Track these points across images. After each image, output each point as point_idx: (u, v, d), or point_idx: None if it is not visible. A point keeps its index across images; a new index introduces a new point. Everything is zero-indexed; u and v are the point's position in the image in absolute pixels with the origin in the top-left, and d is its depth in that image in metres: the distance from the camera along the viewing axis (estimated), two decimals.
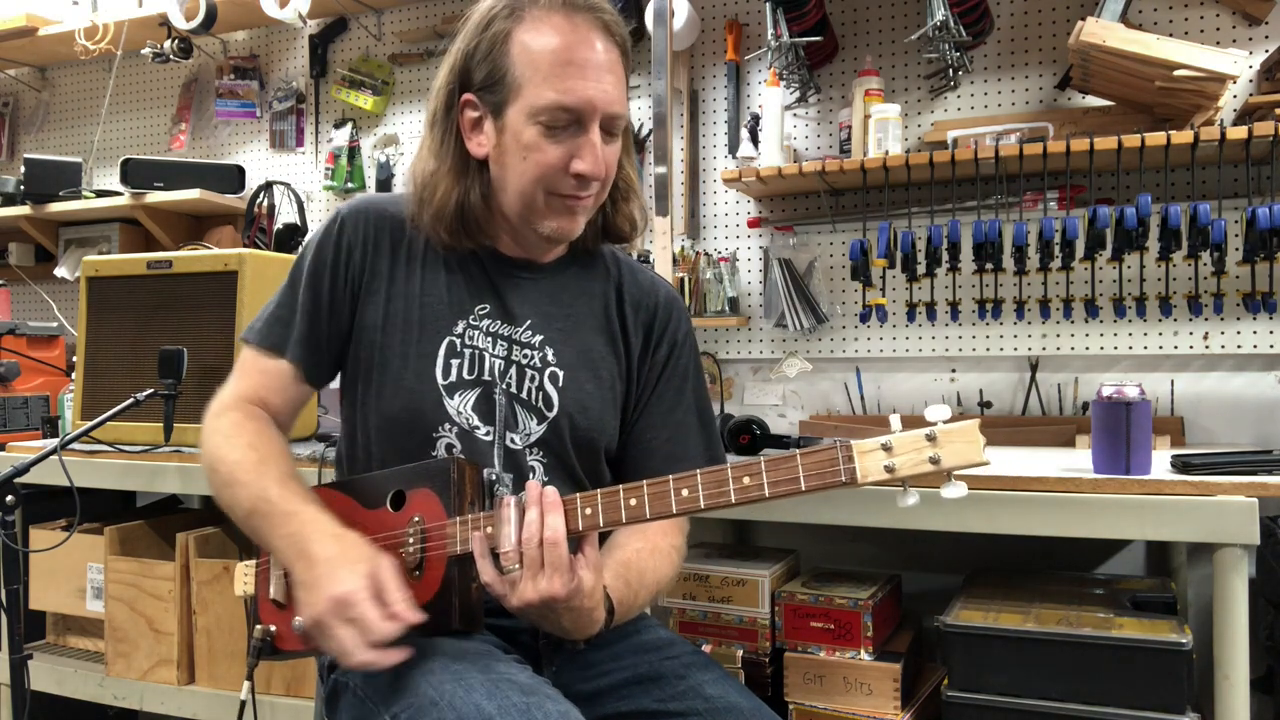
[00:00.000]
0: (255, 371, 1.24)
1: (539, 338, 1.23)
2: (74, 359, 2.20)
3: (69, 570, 2.16)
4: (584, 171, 1.12)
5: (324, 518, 1.09)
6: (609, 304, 1.29)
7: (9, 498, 1.63)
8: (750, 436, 1.79)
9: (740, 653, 1.78)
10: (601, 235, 1.29)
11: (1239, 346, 2.01)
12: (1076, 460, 1.64)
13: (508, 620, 1.17)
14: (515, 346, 1.22)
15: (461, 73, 1.16)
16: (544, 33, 1.11)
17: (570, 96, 1.10)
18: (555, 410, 1.22)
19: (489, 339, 1.21)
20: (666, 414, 1.29)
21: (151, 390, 1.76)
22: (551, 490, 1.01)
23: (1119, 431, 1.46)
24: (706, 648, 1.81)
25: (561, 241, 1.23)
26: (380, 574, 1.01)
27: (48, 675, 2.16)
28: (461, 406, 1.19)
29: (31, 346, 2.52)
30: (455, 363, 1.20)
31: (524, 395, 1.21)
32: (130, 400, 1.73)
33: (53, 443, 1.76)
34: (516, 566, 0.99)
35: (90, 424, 1.76)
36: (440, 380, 1.19)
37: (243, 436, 1.17)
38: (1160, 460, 1.54)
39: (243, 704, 1.23)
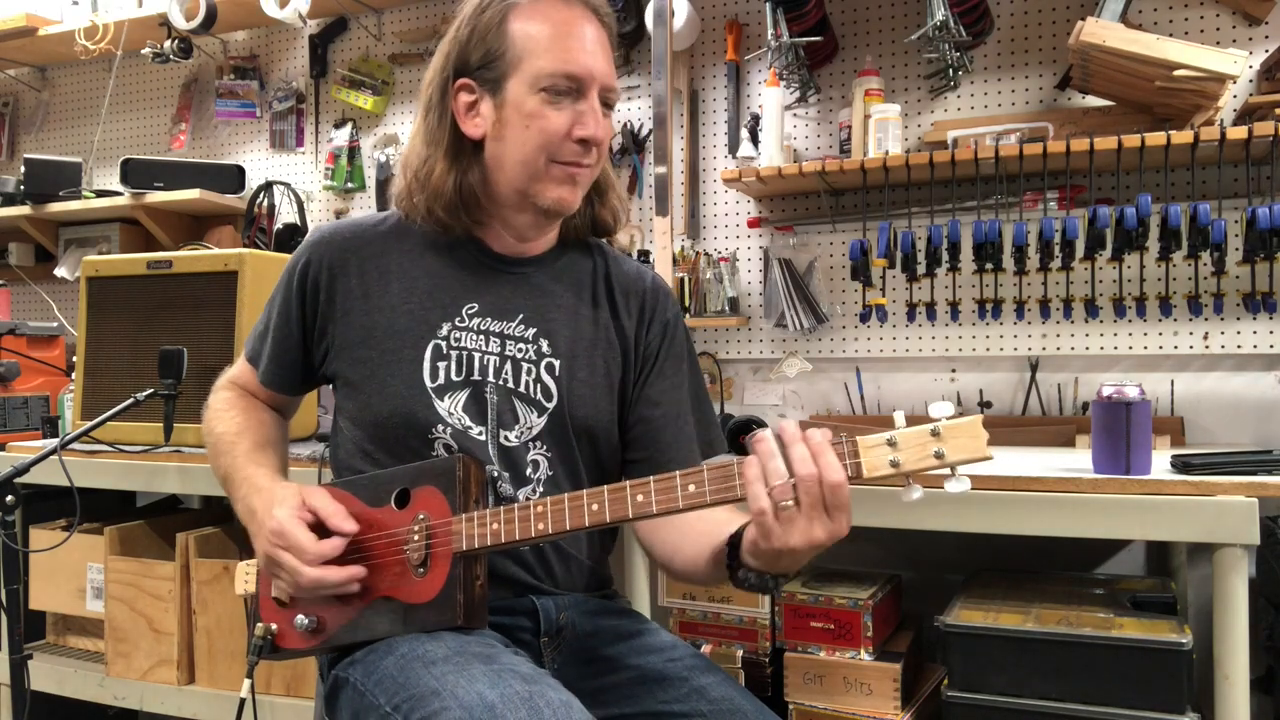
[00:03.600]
0: (245, 369, 1.38)
1: (532, 330, 1.24)
2: (74, 359, 2.20)
3: (69, 570, 2.16)
4: (587, 136, 1.17)
5: (260, 476, 1.20)
6: (599, 291, 1.30)
7: (9, 498, 1.63)
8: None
9: (740, 653, 1.78)
10: (589, 229, 1.32)
11: (1239, 346, 2.01)
12: (1076, 460, 1.64)
13: (508, 618, 1.18)
14: (509, 341, 1.23)
15: (456, 59, 1.20)
16: (540, 13, 1.17)
17: (573, 65, 1.16)
18: (555, 401, 1.23)
19: (480, 337, 1.22)
20: (668, 392, 1.30)
21: (151, 390, 1.76)
22: (815, 430, 0.99)
23: (1119, 431, 1.46)
24: (706, 648, 1.81)
25: (561, 215, 1.24)
26: (310, 501, 1.12)
27: (48, 675, 2.16)
28: (452, 408, 1.20)
29: (31, 346, 2.52)
30: (442, 365, 1.21)
31: (521, 389, 1.22)
32: (130, 400, 1.73)
33: (53, 443, 1.75)
34: (790, 502, 0.96)
35: (90, 424, 1.76)
36: (428, 383, 1.20)
37: (230, 412, 1.32)
38: (1160, 460, 1.54)
39: (242, 702, 1.23)
